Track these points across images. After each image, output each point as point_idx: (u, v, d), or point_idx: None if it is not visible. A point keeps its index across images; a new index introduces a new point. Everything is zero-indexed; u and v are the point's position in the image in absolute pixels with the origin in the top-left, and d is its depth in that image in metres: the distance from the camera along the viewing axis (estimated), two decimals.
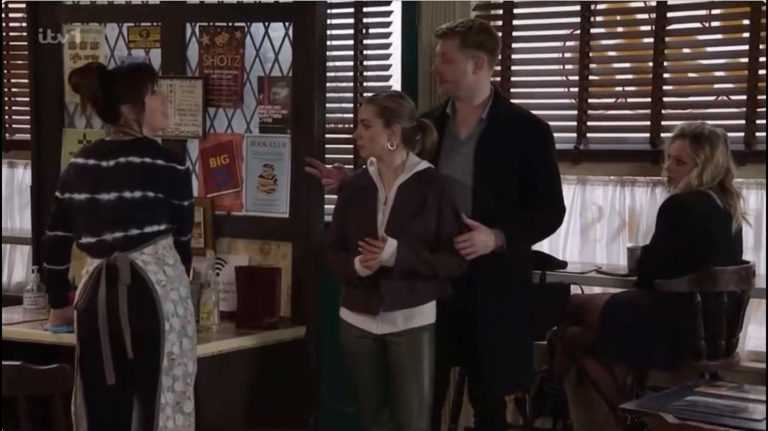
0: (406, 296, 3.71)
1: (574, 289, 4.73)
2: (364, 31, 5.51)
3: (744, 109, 4.77)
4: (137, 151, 3.65)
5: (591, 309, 4.45)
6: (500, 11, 5.24)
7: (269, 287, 4.23)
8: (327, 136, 4.45)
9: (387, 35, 5.47)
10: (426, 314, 3.77)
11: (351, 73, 5.53)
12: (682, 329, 4.22)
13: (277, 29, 4.39)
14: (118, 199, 3.62)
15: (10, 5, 6.16)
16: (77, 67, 3.86)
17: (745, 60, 4.78)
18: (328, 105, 4.48)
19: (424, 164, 3.79)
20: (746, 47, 4.77)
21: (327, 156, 4.40)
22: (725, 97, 4.89)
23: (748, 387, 3.62)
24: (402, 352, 3.75)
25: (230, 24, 4.47)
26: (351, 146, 5.51)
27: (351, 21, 5.52)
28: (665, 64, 4.94)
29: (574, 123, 5.08)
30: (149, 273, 3.60)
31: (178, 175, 3.70)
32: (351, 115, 5.53)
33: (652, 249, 4.37)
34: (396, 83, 5.39)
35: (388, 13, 5.47)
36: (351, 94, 5.53)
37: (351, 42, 5.53)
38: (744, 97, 4.77)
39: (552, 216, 4.00)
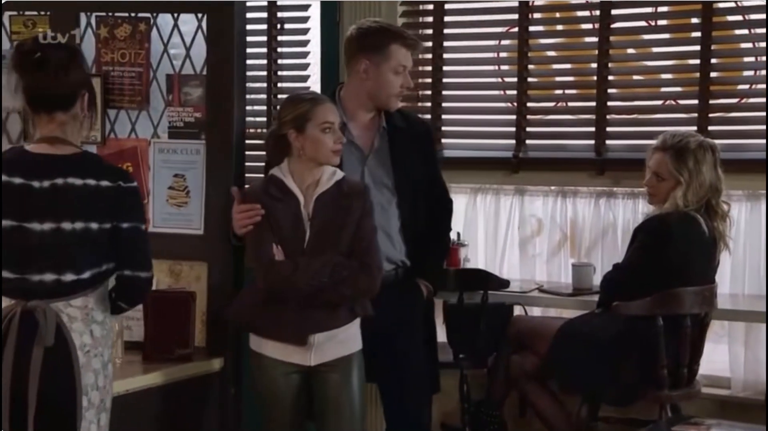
0: (333, 316, 3.42)
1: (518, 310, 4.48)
2: (278, 26, 5.14)
3: (695, 115, 4.53)
4: (79, 170, 2.99)
5: (541, 336, 4.13)
6: (430, 6, 4.92)
7: (181, 314, 3.89)
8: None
9: (304, 31, 5.12)
10: (357, 339, 3.51)
11: (264, 73, 5.23)
12: (642, 357, 3.90)
13: (188, 22, 4.03)
14: (55, 232, 2.96)
15: None
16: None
17: (696, 61, 4.58)
18: None
19: (340, 172, 3.49)
20: (697, 47, 4.58)
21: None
22: (673, 102, 4.67)
23: (727, 423, 3.37)
24: (335, 382, 3.46)
25: (133, 15, 4.08)
26: (263, 153, 5.14)
27: (264, 15, 5.22)
28: (609, 65, 4.74)
29: (512, 129, 4.90)
30: (74, 332, 2.97)
31: (125, 194, 3.05)
32: (264, 119, 5.25)
33: (625, 269, 4.00)
34: (315, 84, 5.07)
35: (306, 7, 5.12)
36: (264, 96, 5.25)
37: (264, 38, 5.22)
38: (695, 102, 4.51)
39: (447, 216, 3.95)
